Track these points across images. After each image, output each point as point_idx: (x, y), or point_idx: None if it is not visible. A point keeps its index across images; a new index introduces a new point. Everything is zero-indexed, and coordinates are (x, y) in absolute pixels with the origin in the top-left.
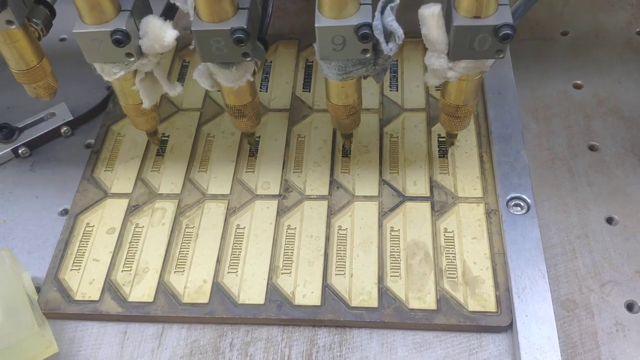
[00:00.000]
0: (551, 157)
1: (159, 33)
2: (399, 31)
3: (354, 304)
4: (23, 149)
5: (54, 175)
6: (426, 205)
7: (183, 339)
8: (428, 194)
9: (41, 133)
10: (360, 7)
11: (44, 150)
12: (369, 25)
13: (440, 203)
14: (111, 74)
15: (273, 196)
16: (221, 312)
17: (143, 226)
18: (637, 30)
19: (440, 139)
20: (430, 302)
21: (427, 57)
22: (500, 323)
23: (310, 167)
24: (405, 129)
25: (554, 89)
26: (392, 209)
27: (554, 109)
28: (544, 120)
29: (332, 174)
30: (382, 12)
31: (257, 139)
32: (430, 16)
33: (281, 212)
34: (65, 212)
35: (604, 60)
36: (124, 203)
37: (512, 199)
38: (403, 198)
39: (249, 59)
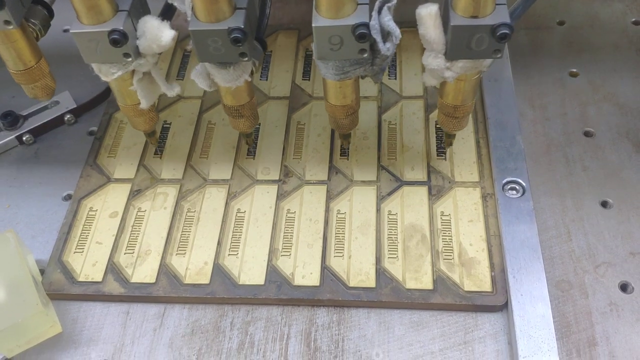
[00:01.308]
0: (547, 143)
1: (157, 33)
2: (397, 31)
3: (352, 284)
4: (27, 136)
5: (58, 161)
6: (423, 190)
7: (184, 318)
8: (425, 179)
9: (45, 120)
10: (357, 7)
11: (48, 137)
12: (366, 25)
13: (437, 187)
14: (109, 74)
15: (273, 181)
16: (222, 292)
17: (145, 210)
18: (633, 19)
19: (438, 126)
20: (426, 282)
21: (424, 56)
22: (496, 302)
23: (309, 153)
24: (403, 116)
25: (549, 77)
26: (390, 194)
27: (549, 97)
28: (540, 108)
29: (331, 160)
30: (379, 12)
31: (255, 141)
32: (428, 16)
33: (281, 196)
34: (68, 197)
35: (599, 49)
36: (126, 188)
37: (507, 182)
38: (401, 183)
39: (246, 59)
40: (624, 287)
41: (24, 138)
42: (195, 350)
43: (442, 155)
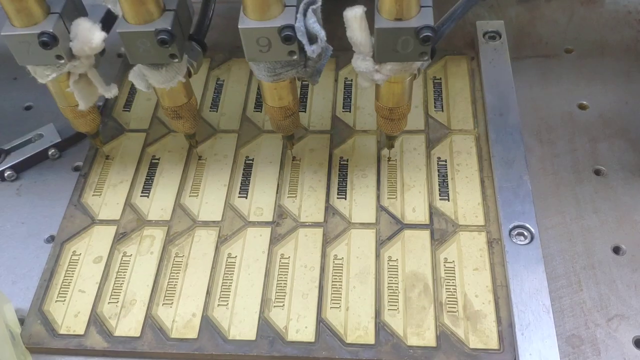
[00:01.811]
0: (555, 183)
1: (88, 35)
2: (321, 33)
3: (349, 340)
4: (9, 172)
5: (41, 200)
6: (425, 234)
7: None
8: (427, 222)
9: (28, 155)
10: (284, 9)
11: (31, 173)
12: (292, 27)
13: (440, 231)
14: (43, 76)
15: (266, 223)
16: (211, 348)
17: (131, 255)
18: None
19: (440, 162)
20: (429, 339)
21: (353, 59)
22: None
23: (305, 191)
24: (404, 152)
25: (558, 110)
26: (390, 238)
27: (558, 131)
28: (548, 143)
29: (327, 200)
30: (304, 15)
31: (204, 160)
32: (353, 18)
33: (274, 240)
34: (51, 238)
35: (609, 79)
36: (111, 230)
37: (515, 227)
38: (401, 226)
39: (176, 60)
40: (638, 343)
41: (5, 174)
42: None
43: (445, 197)
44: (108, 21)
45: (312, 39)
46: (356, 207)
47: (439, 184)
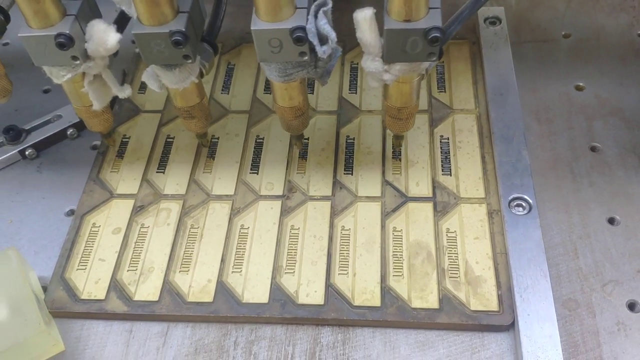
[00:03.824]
0: (553, 158)
1: (103, 36)
2: (332, 34)
3: (356, 302)
4: (30, 150)
5: (61, 176)
6: (429, 206)
7: (188, 337)
8: (431, 195)
9: (48, 135)
10: (296, 11)
11: (51, 151)
12: (303, 29)
13: (442, 203)
14: (59, 76)
15: (277, 197)
16: (225, 310)
17: (148, 226)
18: (639, 32)
19: (443, 140)
20: (432, 301)
21: (363, 60)
22: (502, 322)
23: (313, 168)
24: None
25: (555, 91)
26: (395, 210)
27: (555, 111)
28: (546, 122)
29: (335, 175)
30: (315, 16)
31: (216, 139)
32: (363, 20)
33: (285, 212)
34: (71, 212)
35: (605, 63)
36: (129, 204)
37: (514, 199)
38: (406, 199)
39: (190, 61)
40: (631, 306)
41: (26, 152)
42: None
43: (447, 172)
44: (121, 22)
45: (323, 40)
46: (362, 182)
47: (441, 160)
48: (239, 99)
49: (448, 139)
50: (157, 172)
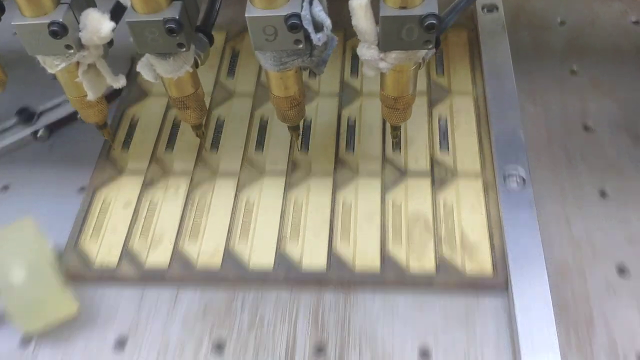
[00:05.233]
0: (547, 137)
1: (97, 25)
2: (327, 21)
3: (357, 268)
4: (42, 131)
5: (72, 156)
6: (427, 181)
7: (197, 300)
8: (429, 170)
9: (59, 117)
10: None
11: (62, 133)
12: (298, 16)
13: (440, 178)
14: (53, 66)
15: (280, 172)
16: (233, 275)
17: (157, 201)
18: (633, 19)
19: (441, 121)
20: (429, 266)
21: (359, 48)
22: (496, 284)
23: (316, 146)
24: None
25: (550, 75)
26: (394, 184)
27: (550, 93)
28: (541, 103)
29: (337, 153)
30: (310, 3)
31: (222, 120)
32: (359, 7)
33: (288, 187)
34: (83, 189)
35: (599, 48)
36: (139, 180)
37: (509, 174)
38: (405, 174)
39: (184, 49)
40: (621, 271)
41: (38, 134)
42: (207, 328)
43: (445, 150)
44: (117, 12)
45: (318, 27)
46: (363, 159)
47: (439, 139)
48: (243, 82)
49: (446, 118)
50: (165, 151)
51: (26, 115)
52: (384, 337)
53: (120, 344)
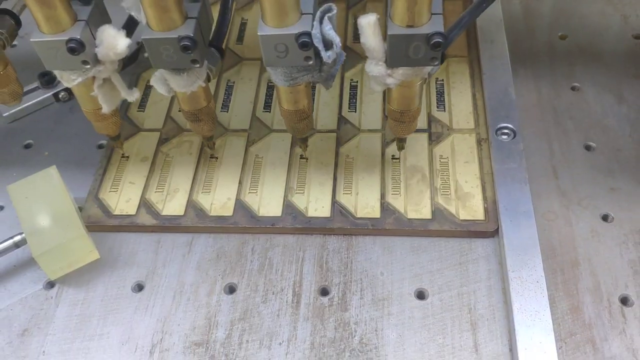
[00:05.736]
0: (537, 97)
1: (112, 41)
2: (337, 39)
3: (359, 215)
4: (63, 93)
5: None
6: (424, 136)
7: (210, 246)
8: (426, 127)
9: None
10: (301, 17)
11: None
12: (308, 34)
13: (436, 134)
14: (70, 80)
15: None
16: (243, 222)
17: (173, 156)
18: None
19: (438, 82)
20: (426, 213)
21: (367, 64)
22: (488, 229)
23: (320, 106)
24: None
25: (541, 40)
26: (394, 140)
27: (540, 57)
28: (531, 67)
29: (340, 112)
30: (320, 22)
31: (232, 83)
32: (367, 25)
33: (295, 144)
34: (102, 145)
35: (586, 15)
36: (155, 136)
37: (500, 128)
38: None
39: (198, 65)
40: (604, 218)
41: (60, 95)
42: (220, 271)
43: (441, 108)
44: (130, 27)
45: (328, 45)
46: (364, 117)
47: (436, 98)
48: (252, 45)
49: (442, 80)
50: (179, 110)
51: (48, 79)
52: (383, 279)
53: (139, 286)
